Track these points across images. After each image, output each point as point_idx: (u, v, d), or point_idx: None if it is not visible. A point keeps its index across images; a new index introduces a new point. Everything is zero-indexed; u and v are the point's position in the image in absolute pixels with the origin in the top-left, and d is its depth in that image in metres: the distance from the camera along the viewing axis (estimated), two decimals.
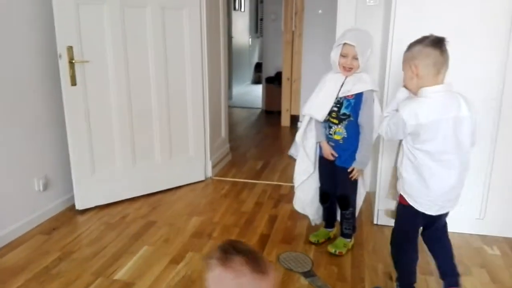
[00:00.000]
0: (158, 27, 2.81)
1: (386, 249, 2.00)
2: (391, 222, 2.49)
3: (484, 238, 2.42)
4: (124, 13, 2.63)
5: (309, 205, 2.32)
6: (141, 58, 2.78)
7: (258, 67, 9.26)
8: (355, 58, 1.97)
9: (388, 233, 2.44)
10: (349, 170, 2.11)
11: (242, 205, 2.84)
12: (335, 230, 2.39)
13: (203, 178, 3.29)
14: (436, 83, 1.59)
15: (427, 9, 2.25)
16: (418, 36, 1.67)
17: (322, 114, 2.07)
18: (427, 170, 1.62)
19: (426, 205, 1.67)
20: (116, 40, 2.63)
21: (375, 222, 2.58)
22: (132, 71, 2.74)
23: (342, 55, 2.00)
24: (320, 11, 4.93)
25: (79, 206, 2.67)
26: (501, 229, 2.43)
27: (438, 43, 1.57)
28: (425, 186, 1.64)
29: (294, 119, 5.06)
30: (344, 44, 1.98)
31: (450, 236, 1.85)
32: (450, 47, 1.60)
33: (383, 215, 2.47)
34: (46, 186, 2.56)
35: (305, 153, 2.21)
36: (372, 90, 2.04)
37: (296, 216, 2.55)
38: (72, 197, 2.67)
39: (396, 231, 1.84)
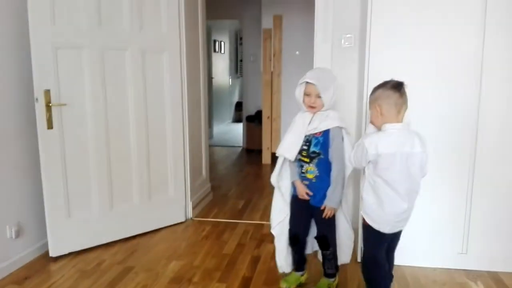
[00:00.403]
0: (138, 70, 2.83)
1: None
2: None
3: (467, 272, 2.40)
4: (103, 57, 2.65)
5: (280, 252, 2.23)
6: (120, 100, 2.77)
7: (239, 106, 9.38)
8: (318, 96, 2.00)
9: None
10: (321, 209, 2.08)
11: (224, 247, 2.77)
12: (306, 274, 2.32)
13: (183, 220, 3.22)
14: (397, 121, 1.81)
15: (399, 51, 2.34)
16: (391, 75, 1.85)
17: (292, 153, 2.07)
18: (384, 195, 1.82)
19: (380, 224, 1.86)
20: (95, 83, 2.63)
21: (359, 260, 2.54)
22: (111, 113, 2.73)
23: (306, 94, 2.03)
24: (297, 53, 5.08)
25: (53, 253, 2.56)
26: (484, 263, 2.42)
27: (397, 87, 1.80)
28: (381, 208, 1.83)
29: (275, 157, 5.05)
30: (306, 83, 2.02)
31: (433, 271, 2.07)
32: (421, 85, 1.67)
33: None
34: (18, 233, 2.46)
35: (281, 193, 2.19)
36: (339, 127, 2.04)
37: None
38: (46, 244, 2.57)
39: (364, 254, 1.99)
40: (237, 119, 8.97)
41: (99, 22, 2.61)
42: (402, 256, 2.48)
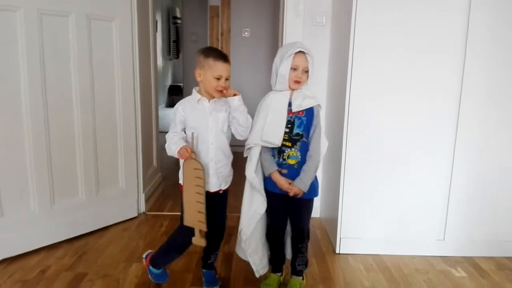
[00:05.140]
0: (84, 40, 2.39)
1: (360, 280, 1.81)
2: (355, 250, 2.38)
3: (445, 259, 2.38)
4: (41, 22, 2.18)
5: (253, 253, 1.98)
6: (62, 76, 2.32)
7: (172, 89, 8.89)
8: (305, 71, 1.82)
9: (353, 262, 2.30)
10: (290, 193, 1.84)
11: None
12: (284, 274, 2.11)
13: (135, 215, 2.85)
14: None
15: (382, 30, 2.21)
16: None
17: (279, 137, 1.83)
18: None
19: None
20: (31, 54, 2.15)
21: (337, 251, 2.41)
22: (50, 91, 2.27)
23: (292, 68, 1.81)
24: (246, 33, 4.82)
25: None
26: (461, 249, 2.42)
27: None
28: None
29: None
30: (297, 53, 1.79)
31: (412, 259, 2.05)
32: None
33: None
34: None
35: (258, 188, 1.89)
36: (319, 105, 1.88)
37: None
38: None
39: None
40: (170, 104, 8.48)
41: None
42: (381, 245, 2.40)
